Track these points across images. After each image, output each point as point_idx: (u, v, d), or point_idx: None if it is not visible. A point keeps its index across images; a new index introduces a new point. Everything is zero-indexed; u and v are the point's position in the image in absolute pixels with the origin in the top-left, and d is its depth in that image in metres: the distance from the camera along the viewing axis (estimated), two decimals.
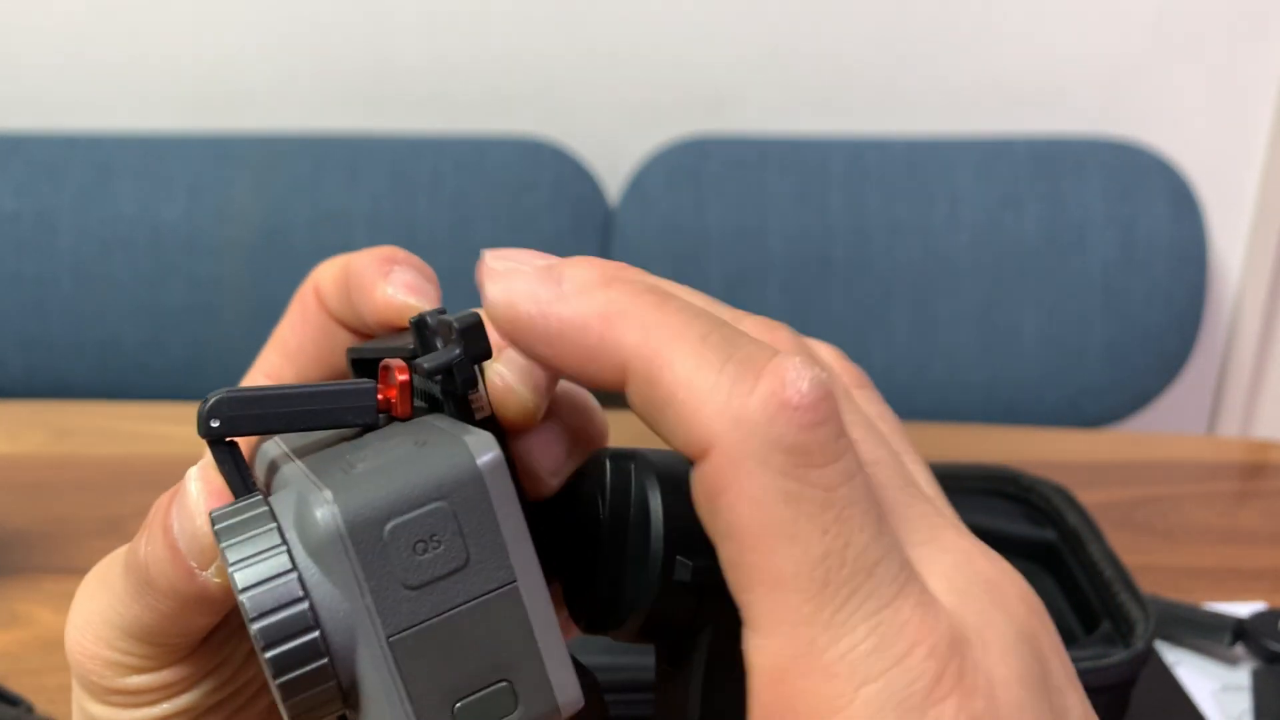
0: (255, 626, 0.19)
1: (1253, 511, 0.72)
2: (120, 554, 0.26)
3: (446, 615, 0.20)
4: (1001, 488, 0.61)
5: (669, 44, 1.18)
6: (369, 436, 0.22)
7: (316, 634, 0.19)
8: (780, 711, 0.19)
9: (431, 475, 0.19)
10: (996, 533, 0.58)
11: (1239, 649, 0.57)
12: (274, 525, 0.20)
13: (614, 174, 1.16)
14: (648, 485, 0.22)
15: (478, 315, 0.22)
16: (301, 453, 0.23)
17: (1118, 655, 0.46)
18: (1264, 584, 0.64)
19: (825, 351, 0.25)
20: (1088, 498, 0.59)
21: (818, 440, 0.19)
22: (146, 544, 0.24)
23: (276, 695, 0.19)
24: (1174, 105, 1.21)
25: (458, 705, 0.20)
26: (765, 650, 0.19)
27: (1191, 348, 1.12)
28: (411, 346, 0.23)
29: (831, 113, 1.20)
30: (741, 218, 1.08)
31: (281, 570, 0.19)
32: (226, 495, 0.23)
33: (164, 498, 0.24)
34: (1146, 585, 0.53)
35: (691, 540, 0.21)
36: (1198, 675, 0.56)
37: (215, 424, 0.21)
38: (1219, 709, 0.53)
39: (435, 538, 0.19)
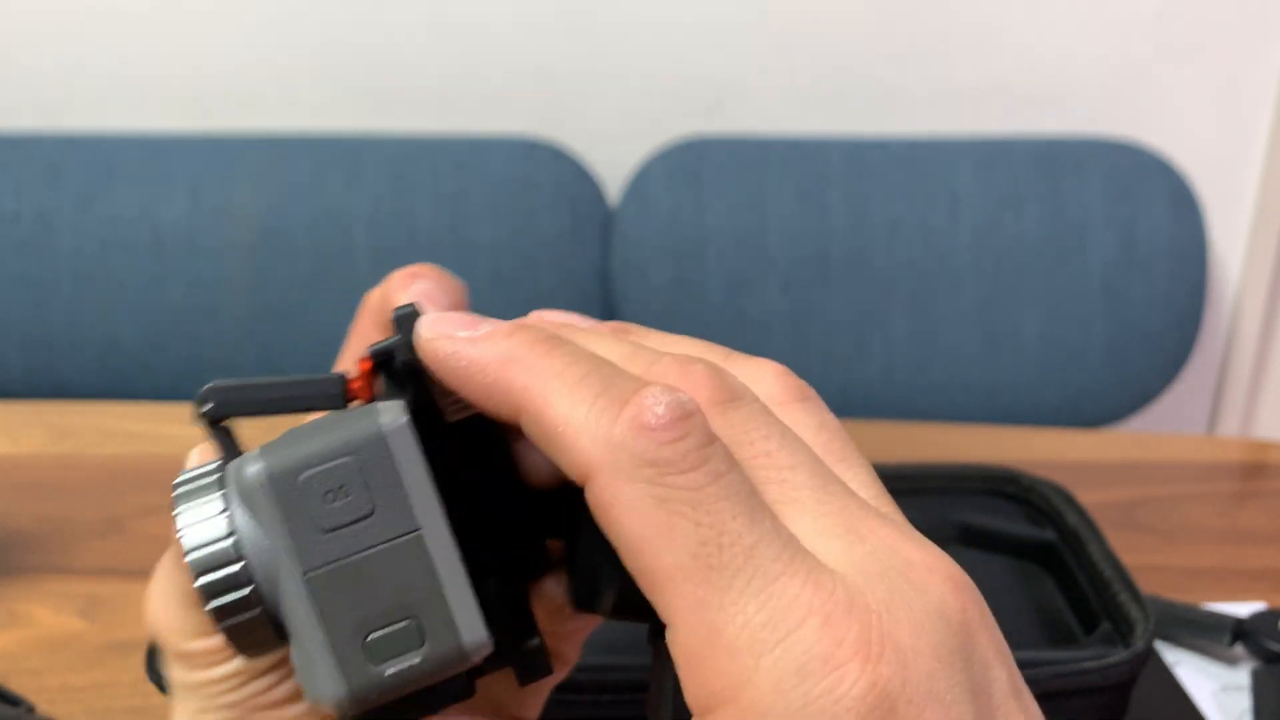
0: (188, 558, 0.22)
1: (1252, 511, 0.72)
2: None
3: (355, 556, 0.23)
4: (1001, 488, 0.61)
5: (669, 44, 1.18)
6: (311, 419, 0.25)
7: (240, 565, 0.22)
8: (701, 695, 0.21)
9: (342, 435, 0.23)
10: (996, 533, 0.58)
11: (1239, 649, 0.57)
12: (217, 477, 0.23)
13: (614, 174, 1.16)
14: None
15: (413, 306, 0.26)
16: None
17: (1117, 655, 0.47)
18: (1264, 584, 0.64)
19: (767, 369, 0.27)
20: (1087, 498, 0.59)
21: (678, 451, 0.21)
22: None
23: (209, 613, 0.22)
24: (1174, 106, 1.21)
25: (369, 637, 0.23)
26: (677, 642, 0.21)
27: (1191, 348, 1.12)
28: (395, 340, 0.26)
29: (831, 113, 1.20)
30: (741, 218, 1.08)
31: (214, 513, 0.23)
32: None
33: None
34: (1146, 585, 0.53)
35: None
36: (1197, 675, 0.56)
37: (207, 407, 0.24)
38: (1219, 709, 0.53)
39: (344, 488, 0.22)
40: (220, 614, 0.23)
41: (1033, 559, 0.57)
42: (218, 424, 0.25)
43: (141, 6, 1.16)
